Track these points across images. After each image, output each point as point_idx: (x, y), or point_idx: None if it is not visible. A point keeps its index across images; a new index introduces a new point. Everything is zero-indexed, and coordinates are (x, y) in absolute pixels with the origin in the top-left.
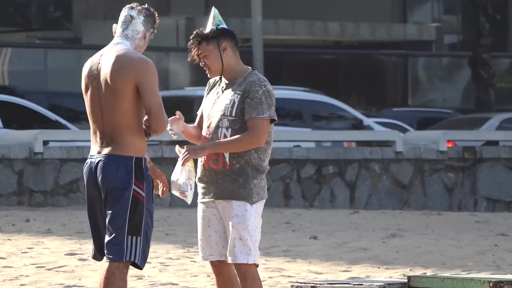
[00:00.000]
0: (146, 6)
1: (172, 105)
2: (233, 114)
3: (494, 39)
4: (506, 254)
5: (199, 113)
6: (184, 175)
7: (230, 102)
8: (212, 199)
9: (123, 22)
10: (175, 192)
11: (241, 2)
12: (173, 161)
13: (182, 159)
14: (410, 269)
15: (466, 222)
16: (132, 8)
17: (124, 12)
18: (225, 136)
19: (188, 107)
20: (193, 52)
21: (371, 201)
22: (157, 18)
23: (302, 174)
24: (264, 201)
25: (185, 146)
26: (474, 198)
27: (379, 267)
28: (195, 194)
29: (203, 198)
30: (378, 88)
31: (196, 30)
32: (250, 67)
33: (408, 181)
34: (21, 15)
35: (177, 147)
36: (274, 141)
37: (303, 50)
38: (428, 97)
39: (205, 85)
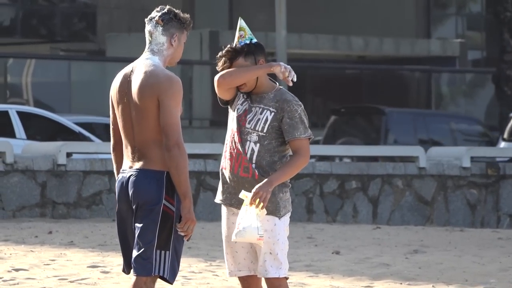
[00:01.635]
0: (165, 10)
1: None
2: (265, 130)
3: None
4: None
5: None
6: (257, 219)
7: (263, 117)
8: (239, 209)
9: (147, 37)
10: (246, 240)
11: (265, 16)
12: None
13: (256, 201)
14: (433, 286)
15: (489, 238)
16: (151, 20)
17: (145, 28)
18: (252, 151)
19: None
20: (221, 64)
21: (394, 217)
22: (184, 15)
23: (325, 188)
24: (290, 213)
25: (253, 189)
26: (497, 215)
27: (401, 283)
28: (212, 195)
29: (228, 202)
30: (401, 104)
31: (229, 45)
32: (276, 82)
33: (431, 197)
34: (45, 26)
35: (242, 193)
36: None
37: (327, 65)
38: None
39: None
